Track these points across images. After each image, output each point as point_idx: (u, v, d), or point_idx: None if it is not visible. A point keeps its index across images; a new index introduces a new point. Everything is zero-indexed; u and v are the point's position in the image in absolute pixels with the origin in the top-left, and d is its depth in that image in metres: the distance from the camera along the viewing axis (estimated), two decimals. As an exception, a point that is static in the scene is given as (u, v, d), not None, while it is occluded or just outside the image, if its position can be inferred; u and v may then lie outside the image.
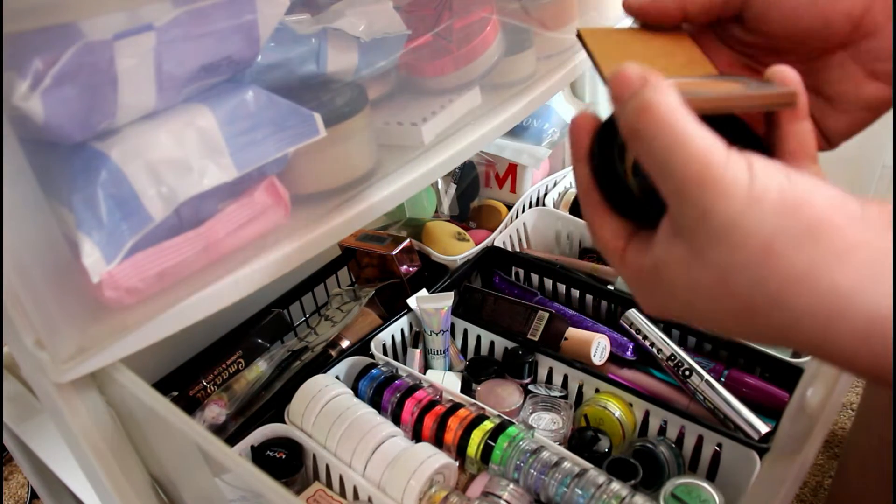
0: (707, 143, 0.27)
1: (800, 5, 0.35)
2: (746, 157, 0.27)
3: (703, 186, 0.26)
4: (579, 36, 0.40)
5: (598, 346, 0.78)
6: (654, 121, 0.27)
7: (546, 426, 0.72)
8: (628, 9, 0.40)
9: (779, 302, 0.26)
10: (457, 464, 0.65)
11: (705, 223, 0.27)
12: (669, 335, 0.78)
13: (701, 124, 0.28)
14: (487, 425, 0.66)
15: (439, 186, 1.06)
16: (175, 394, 0.75)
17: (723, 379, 0.75)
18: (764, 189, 0.26)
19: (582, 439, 0.69)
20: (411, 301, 0.84)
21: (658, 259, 0.30)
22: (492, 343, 0.83)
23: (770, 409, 0.71)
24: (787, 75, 0.32)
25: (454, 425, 0.67)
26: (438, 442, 0.67)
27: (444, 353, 0.81)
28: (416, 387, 0.72)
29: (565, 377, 0.77)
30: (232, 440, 0.68)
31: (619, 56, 0.37)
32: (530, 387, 0.77)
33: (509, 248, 0.99)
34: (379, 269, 0.91)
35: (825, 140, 0.39)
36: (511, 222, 1.03)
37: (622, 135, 0.30)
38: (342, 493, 0.66)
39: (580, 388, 0.76)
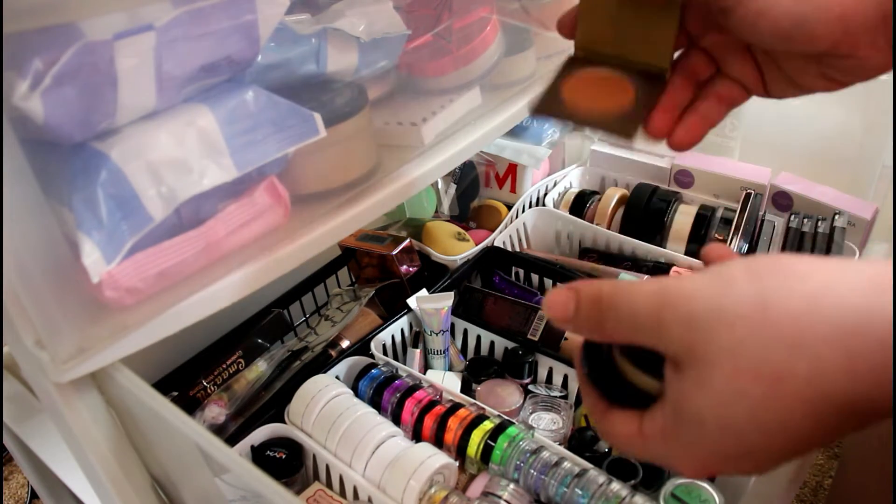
0: (653, 282, 0.30)
1: (793, 26, 0.36)
2: (695, 268, 0.29)
3: (675, 305, 0.29)
4: None
5: (598, 346, 0.78)
6: (609, 301, 0.31)
7: (546, 426, 0.72)
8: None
9: (796, 346, 0.26)
10: (457, 464, 0.65)
11: (694, 329, 0.28)
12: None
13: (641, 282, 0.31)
14: (487, 425, 0.66)
15: (439, 186, 1.06)
16: (175, 394, 0.75)
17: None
18: (730, 273, 0.28)
19: (582, 439, 0.69)
20: (411, 301, 0.84)
21: (674, 402, 0.30)
22: (492, 343, 0.82)
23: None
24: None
25: (454, 425, 0.67)
26: (438, 442, 0.67)
27: (444, 353, 0.81)
28: (416, 387, 0.72)
29: (565, 377, 0.77)
30: (232, 440, 0.68)
31: (600, 19, 0.43)
32: (530, 387, 0.77)
33: (509, 248, 0.99)
34: (379, 269, 0.91)
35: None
36: (511, 222, 1.03)
37: (594, 337, 0.33)
38: (342, 493, 0.66)
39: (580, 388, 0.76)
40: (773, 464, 0.29)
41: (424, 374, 0.79)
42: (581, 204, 1.06)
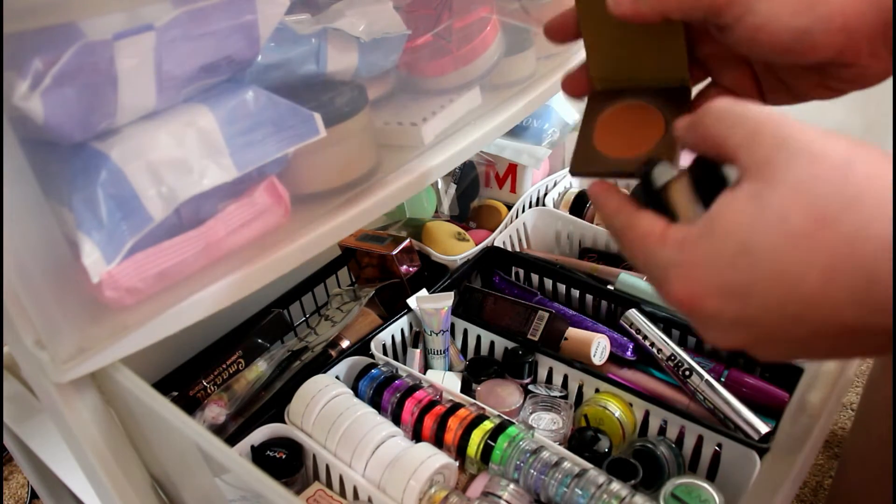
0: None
1: (793, 40, 0.36)
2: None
3: (780, 123, 0.29)
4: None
5: (598, 346, 0.78)
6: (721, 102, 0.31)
7: (546, 426, 0.72)
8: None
9: (854, 206, 0.27)
10: (457, 464, 0.65)
11: (783, 149, 0.28)
12: (669, 335, 0.78)
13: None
14: (487, 425, 0.66)
15: (439, 186, 1.06)
16: (175, 394, 0.75)
17: (723, 379, 0.75)
18: (834, 135, 0.29)
19: (582, 439, 0.69)
20: (411, 301, 0.84)
21: (713, 212, 0.30)
22: (492, 343, 0.83)
23: (770, 409, 0.71)
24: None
25: (454, 425, 0.67)
26: (438, 442, 0.67)
27: (444, 353, 0.81)
28: (416, 387, 0.72)
29: (565, 377, 0.77)
30: (232, 440, 0.68)
31: (607, 43, 0.43)
32: (530, 387, 0.77)
33: (509, 248, 0.99)
34: (379, 269, 0.91)
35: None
36: (511, 222, 1.03)
37: (683, 125, 0.33)
38: (342, 493, 0.66)
39: (580, 388, 0.76)
40: (760, 326, 0.29)
41: (424, 374, 0.79)
42: (581, 204, 1.05)
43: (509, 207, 1.08)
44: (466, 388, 0.79)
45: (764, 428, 0.66)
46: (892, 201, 0.26)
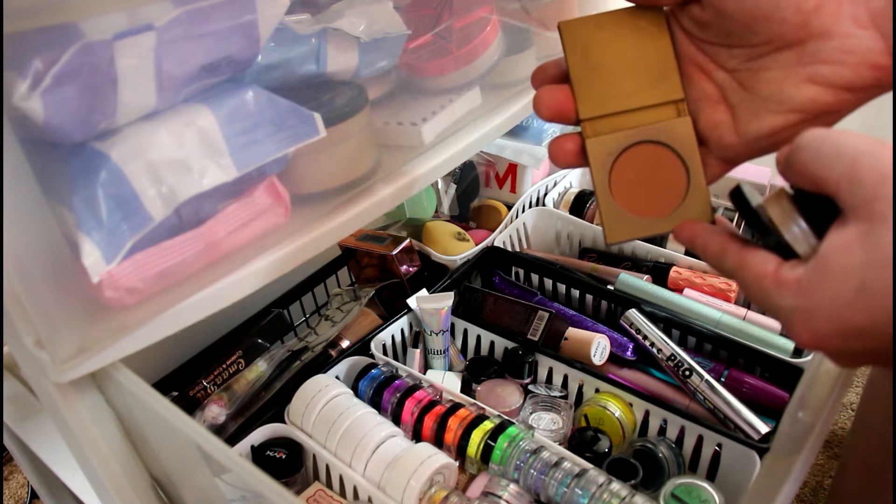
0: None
1: None
2: None
3: (875, 155, 0.28)
4: (560, 29, 0.42)
5: (598, 346, 0.78)
6: (808, 135, 0.31)
7: (546, 426, 0.72)
8: None
9: None
10: (457, 464, 0.65)
11: (887, 186, 0.27)
12: (669, 335, 0.78)
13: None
14: (487, 425, 0.66)
15: (439, 186, 1.06)
16: (175, 394, 0.75)
17: (723, 379, 0.75)
18: None
19: (582, 439, 0.69)
20: (411, 301, 0.84)
21: (825, 251, 0.29)
22: (492, 343, 0.83)
23: (770, 409, 0.71)
24: None
25: (454, 425, 0.67)
26: (438, 442, 0.67)
27: (444, 353, 0.81)
28: (416, 387, 0.72)
29: (565, 377, 0.77)
30: (232, 440, 0.68)
31: (590, 57, 0.41)
32: (530, 387, 0.77)
33: (509, 248, 0.99)
34: (379, 269, 0.91)
35: (732, 152, 0.40)
36: (511, 222, 1.03)
37: (780, 168, 0.33)
38: (342, 493, 0.66)
39: (580, 388, 0.76)
40: (886, 356, 0.29)
41: (424, 374, 0.79)
42: (581, 204, 1.05)
43: (509, 207, 1.08)
44: (466, 388, 0.79)
45: (764, 428, 0.66)
46: (892, 213, 0.27)
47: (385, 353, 0.82)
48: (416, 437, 0.69)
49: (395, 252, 0.88)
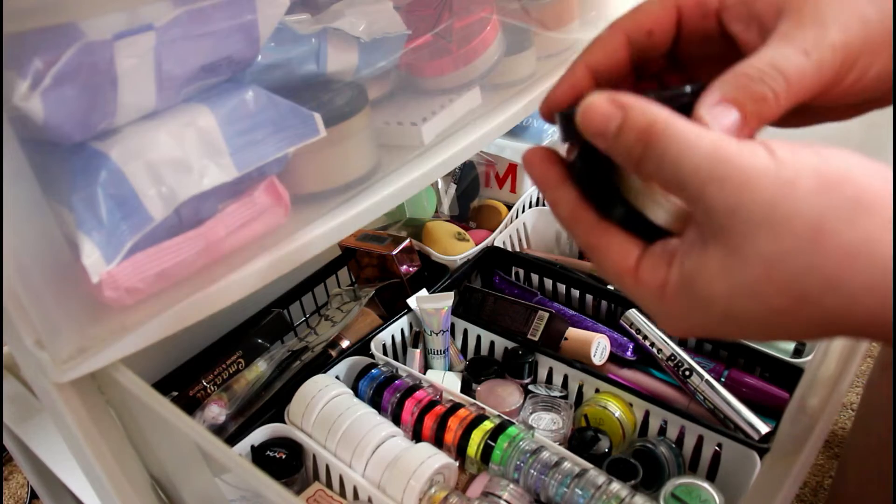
0: (712, 139, 0.26)
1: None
2: (765, 144, 0.26)
3: (722, 182, 0.25)
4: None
5: (598, 346, 0.78)
6: (657, 141, 0.27)
7: (546, 426, 0.72)
8: (549, 113, 0.35)
9: (834, 284, 0.25)
10: (457, 464, 0.65)
11: (737, 218, 0.26)
12: (669, 335, 0.78)
13: (699, 125, 0.27)
14: (487, 425, 0.66)
15: (439, 186, 1.06)
16: (175, 394, 0.75)
17: (723, 379, 0.75)
18: (796, 173, 0.25)
19: (582, 439, 0.69)
20: (411, 301, 0.84)
21: (689, 271, 0.28)
22: (492, 343, 0.82)
23: (770, 409, 0.71)
24: None
25: (454, 425, 0.67)
26: (438, 442, 0.67)
27: (444, 353, 0.81)
28: (416, 387, 0.72)
29: (565, 377, 0.77)
30: (232, 440, 0.68)
31: None
32: (530, 387, 0.77)
33: (509, 248, 0.99)
34: (379, 269, 0.91)
35: None
36: (511, 222, 1.03)
37: (625, 165, 0.29)
38: (342, 494, 0.66)
39: (580, 388, 0.76)
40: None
41: (424, 374, 0.79)
42: (581, 204, 1.05)
43: (509, 207, 1.08)
44: (466, 388, 0.79)
45: (764, 428, 0.66)
46: (892, 211, 0.25)
47: (385, 353, 0.82)
48: (416, 437, 0.69)
49: (395, 252, 0.88)
